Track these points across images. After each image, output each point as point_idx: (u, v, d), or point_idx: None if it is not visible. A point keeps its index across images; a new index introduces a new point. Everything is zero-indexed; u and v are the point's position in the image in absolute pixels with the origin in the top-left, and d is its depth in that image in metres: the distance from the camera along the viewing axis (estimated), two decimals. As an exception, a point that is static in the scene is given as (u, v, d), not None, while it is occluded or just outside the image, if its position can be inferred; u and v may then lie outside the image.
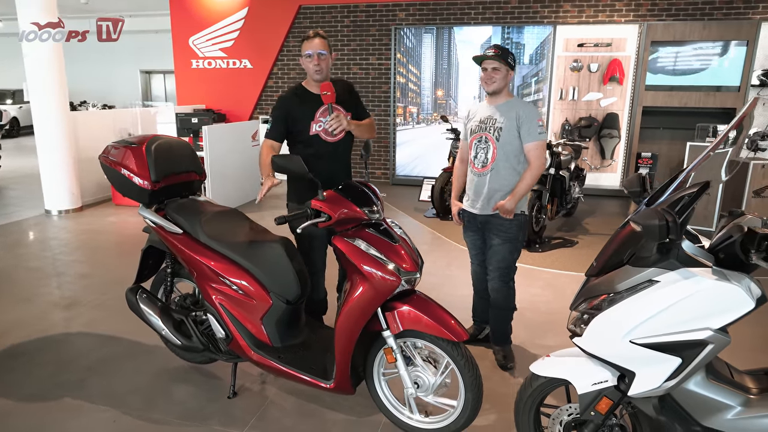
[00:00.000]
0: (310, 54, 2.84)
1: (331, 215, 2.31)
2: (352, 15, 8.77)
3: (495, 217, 3.08)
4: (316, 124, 2.91)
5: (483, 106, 3.18)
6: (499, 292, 3.16)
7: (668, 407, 1.89)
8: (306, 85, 2.98)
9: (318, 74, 2.87)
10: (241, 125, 7.37)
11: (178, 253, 2.77)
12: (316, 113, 2.91)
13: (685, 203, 1.81)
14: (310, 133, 2.92)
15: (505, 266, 3.12)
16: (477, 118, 3.16)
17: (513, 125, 2.99)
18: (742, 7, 7.51)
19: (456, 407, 2.43)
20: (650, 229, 1.63)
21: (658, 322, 1.77)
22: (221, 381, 3.02)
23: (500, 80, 2.99)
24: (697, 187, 1.85)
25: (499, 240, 3.09)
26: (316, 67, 2.85)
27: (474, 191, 3.17)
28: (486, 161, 3.09)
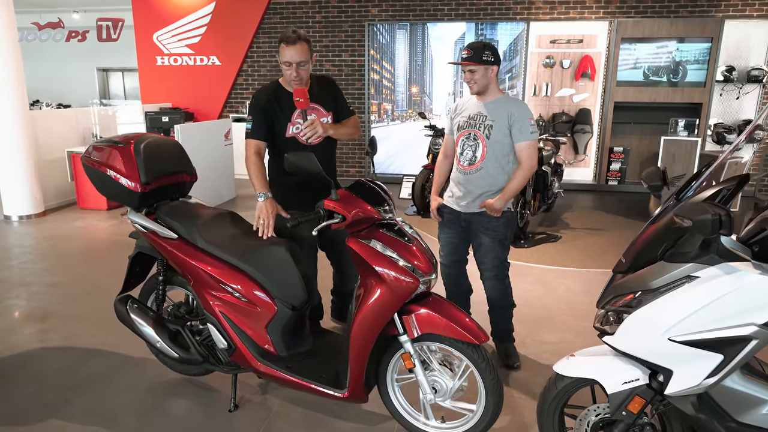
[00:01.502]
0: (288, 64, 2.64)
1: (346, 216, 2.20)
2: (324, 11, 8.60)
3: (481, 215, 2.98)
4: (293, 126, 2.77)
5: (472, 101, 3.07)
6: (496, 290, 3.10)
7: (705, 404, 1.86)
8: (283, 83, 2.82)
9: (296, 83, 2.70)
10: (214, 124, 7.12)
11: (172, 260, 2.59)
12: (293, 115, 2.75)
13: (725, 196, 1.78)
14: (286, 135, 2.77)
15: (499, 264, 3.06)
16: (465, 114, 3.05)
17: (504, 123, 2.90)
18: (706, 5, 7.74)
19: (475, 411, 2.36)
20: (702, 223, 1.58)
21: (698, 318, 1.73)
22: (219, 393, 2.85)
23: (480, 80, 2.89)
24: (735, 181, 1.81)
25: (488, 239, 3.02)
26: (294, 76, 2.66)
27: (459, 188, 3.07)
28: (474, 159, 2.99)
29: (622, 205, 7.40)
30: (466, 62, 2.86)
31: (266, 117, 2.73)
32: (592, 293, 4.27)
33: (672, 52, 7.77)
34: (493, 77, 2.92)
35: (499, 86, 3.01)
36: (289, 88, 2.78)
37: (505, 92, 3.03)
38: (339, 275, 3.28)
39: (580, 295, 4.26)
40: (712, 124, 7.74)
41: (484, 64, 2.85)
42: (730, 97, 7.86)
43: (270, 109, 2.74)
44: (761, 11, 7.62)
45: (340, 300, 3.35)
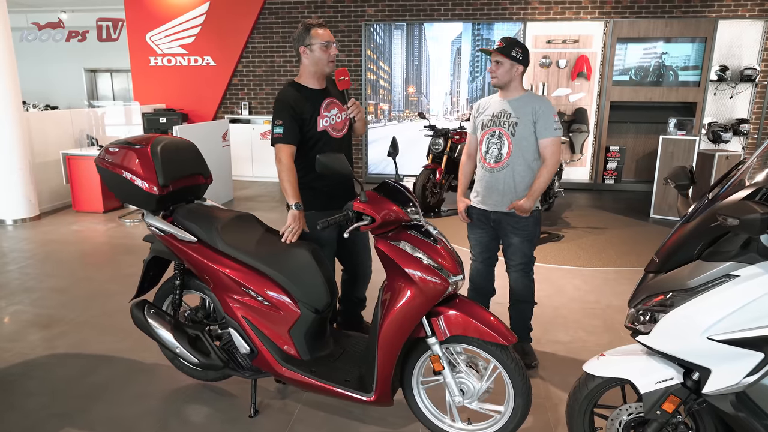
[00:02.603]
0: (328, 43, 2.71)
1: (375, 217, 2.17)
2: (320, 10, 8.55)
3: (510, 215, 2.98)
4: (323, 119, 2.78)
5: (495, 100, 3.06)
6: (521, 283, 3.11)
7: (742, 402, 1.86)
8: (301, 81, 2.80)
9: (332, 65, 2.77)
10: (212, 125, 7.04)
11: (191, 264, 2.54)
12: (321, 107, 2.77)
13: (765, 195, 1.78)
14: (317, 129, 2.77)
15: (527, 261, 3.07)
16: (489, 112, 3.04)
17: (529, 120, 2.90)
18: (700, 5, 7.83)
19: (503, 413, 2.34)
20: (751, 222, 1.58)
21: (739, 317, 1.73)
22: (238, 399, 2.81)
23: (503, 74, 2.89)
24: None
25: (518, 238, 3.02)
26: (334, 56, 2.75)
27: (485, 188, 3.05)
28: (500, 157, 2.98)
29: (620, 204, 7.45)
30: (495, 52, 2.87)
31: (296, 117, 2.70)
32: (599, 292, 4.29)
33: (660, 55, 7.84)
34: (518, 75, 2.92)
35: (523, 86, 3.00)
36: (310, 83, 2.78)
37: (527, 90, 3.02)
38: (351, 281, 3.21)
39: (588, 293, 4.27)
40: (707, 123, 7.83)
41: (511, 60, 2.86)
42: (724, 97, 7.96)
43: (299, 108, 2.71)
44: (753, 11, 7.73)
45: (348, 307, 3.25)
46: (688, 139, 6.54)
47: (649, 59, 7.92)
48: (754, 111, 7.97)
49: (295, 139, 2.70)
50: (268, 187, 8.50)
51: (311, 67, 2.75)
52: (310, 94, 2.76)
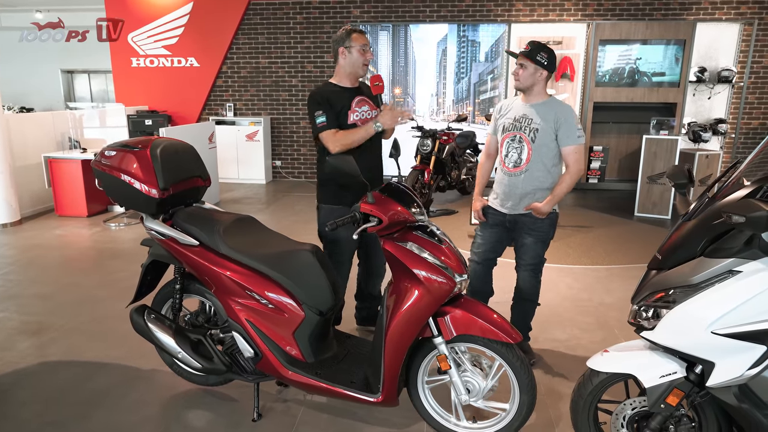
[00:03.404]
0: (365, 47, 2.95)
1: (382, 219, 2.18)
2: (305, 11, 8.53)
3: (527, 216, 3.00)
4: (353, 113, 2.99)
5: (518, 103, 3.05)
6: (529, 282, 3.12)
7: (744, 394, 1.92)
8: (335, 80, 3.04)
9: (365, 68, 3.01)
10: (198, 127, 6.97)
11: (193, 267, 2.52)
12: (352, 103, 2.99)
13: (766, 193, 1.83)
14: (348, 122, 2.97)
15: (538, 262, 3.09)
16: (510, 116, 3.03)
17: (551, 127, 2.89)
18: (678, 8, 8.00)
19: (508, 410, 2.37)
20: (757, 219, 1.63)
21: (742, 311, 1.78)
22: (239, 403, 2.78)
23: (526, 78, 2.89)
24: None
25: (532, 239, 3.03)
26: (366, 61, 2.98)
27: (504, 191, 3.07)
28: (519, 162, 2.99)
29: (604, 203, 7.58)
30: (521, 55, 2.88)
31: (334, 108, 2.93)
32: (591, 290, 4.36)
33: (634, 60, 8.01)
34: (541, 80, 2.91)
35: (546, 91, 2.99)
36: (343, 83, 3.02)
37: (550, 96, 2.99)
38: (366, 278, 3.32)
39: (581, 291, 4.34)
40: (687, 123, 8.01)
41: (536, 64, 2.85)
42: (703, 97, 8.15)
43: (332, 101, 2.93)
44: (729, 14, 7.93)
45: (364, 304, 3.36)
46: (670, 139, 6.68)
47: (628, 61, 8.07)
48: (731, 111, 8.18)
49: (336, 124, 2.93)
50: (254, 189, 8.44)
51: (347, 68, 2.99)
52: (343, 91, 3.01)
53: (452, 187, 7.49)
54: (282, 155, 9.18)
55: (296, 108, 8.95)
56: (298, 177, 9.25)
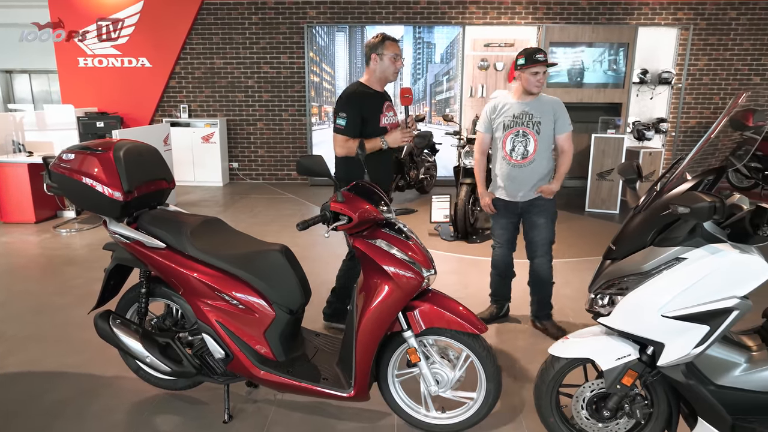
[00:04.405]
0: (397, 56, 3.07)
1: (352, 217, 2.23)
2: (261, 12, 8.45)
3: (538, 199, 3.42)
4: (384, 117, 3.14)
5: (512, 102, 3.39)
6: (546, 266, 3.53)
7: (691, 371, 2.08)
8: (367, 83, 3.14)
9: (395, 75, 3.15)
10: (153, 129, 6.80)
11: (161, 270, 2.50)
12: (383, 107, 3.13)
13: (707, 186, 1.99)
14: (380, 125, 3.11)
15: (550, 240, 3.51)
16: (509, 113, 3.36)
17: (550, 119, 3.34)
18: (621, 13, 8.40)
19: (476, 399, 2.47)
20: (700, 210, 1.77)
21: (688, 295, 1.93)
22: (209, 406, 2.77)
23: (544, 81, 3.31)
24: (714, 173, 2.03)
25: (544, 219, 3.45)
26: (397, 69, 3.11)
27: (513, 181, 3.41)
28: (526, 153, 3.37)
29: (558, 200, 7.81)
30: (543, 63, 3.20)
31: (362, 113, 3.03)
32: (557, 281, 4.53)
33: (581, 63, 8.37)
34: None
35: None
36: (374, 86, 3.14)
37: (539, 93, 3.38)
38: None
39: (538, 284, 4.50)
40: (632, 123, 8.42)
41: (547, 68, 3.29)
42: (645, 98, 8.58)
43: (366, 105, 3.06)
44: (668, 20, 8.39)
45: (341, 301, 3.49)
46: (617, 137, 7.02)
47: (575, 63, 8.40)
48: (671, 111, 8.65)
49: (355, 133, 3.02)
50: (211, 191, 8.31)
51: (378, 73, 3.11)
52: (375, 94, 3.14)
53: (411, 187, 7.60)
54: (239, 157, 9.06)
55: (253, 109, 8.86)
56: (256, 179, 9.16)
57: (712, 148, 2.25)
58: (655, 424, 2.26)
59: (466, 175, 5.82)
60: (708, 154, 2.25)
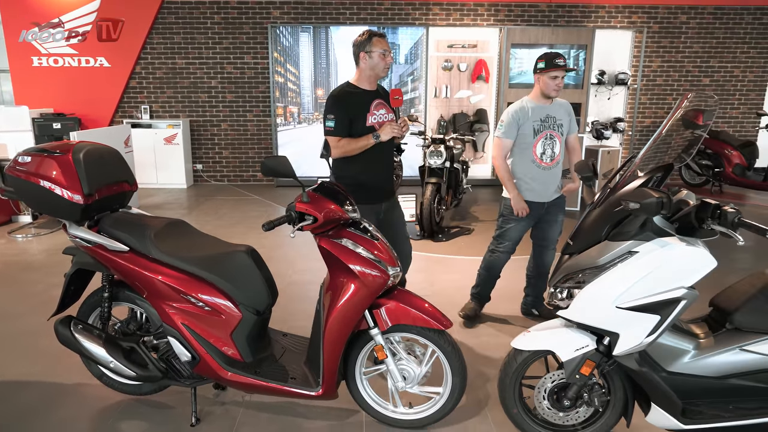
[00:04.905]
0: (385, 52, 3.04)
1: (317, 217, 2.25)
2: (223, 12, 8.35)
3: (559, 198, 3.60)
4: (372, 116, 3.10)
5: (535, 106, 3.49)
6: (553, 258, 3.66)
7: (644, 359, 2.18)
8: (356, 82, 3.12)
9: (386, 71, 3.10)
10: (113, 130, 6.63)
11: (124, 274, 2.46)
12: (371, 106, 3.09)
13: (655, 182, 2.10)
14: (366, 124, 3.07)
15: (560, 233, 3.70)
16: (536, 118, 3.45)
17: (567, 120, 3.55)
18: (579, 16, 8.65)
19: (442, 394, 2.52)
20: (649, 205, 1.87)
21: (640, 286, 2.03)
22: (176, 410, 2.75)
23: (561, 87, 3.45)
24: (662, 171, 2.14)
25: (561, 215, 3.66)
26: (387, 65, 3.07)
27: (543, 184, 3.52)
28: (554, 155, 3.52)
29: (520, 198, 8.03)
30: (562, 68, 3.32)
31: (348, 113, 3.02)
32: (511, 278, 4.64)
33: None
34: None
35: None
36: (363, 86, 3.10)
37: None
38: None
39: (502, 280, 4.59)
40: (590, 122, 8.68)
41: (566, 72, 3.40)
42: (603, 98, 8.86)
43: (351, 105, 3.03)
44: (623, 23, 8.68)
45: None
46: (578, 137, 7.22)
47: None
48: (627, 111, 8.96)
49: (346, 132, 3.03)
50: (174, 194, 8.16)
51: (368, 71, 3.06)
52: (363, 93, 3.09)
53: (378, 187, 7.64)
54: (203, 158, 8.93)
55: (217, 110, 8.75)
56: (220, 180, 9.04)
57: (665, 146, 2.37)
58: (613, 412, 2.36)
59: (432, 174, 5.91)
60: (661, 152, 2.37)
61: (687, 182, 8.70)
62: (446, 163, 6.01)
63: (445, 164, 5.99)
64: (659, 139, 2.31)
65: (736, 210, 1.93)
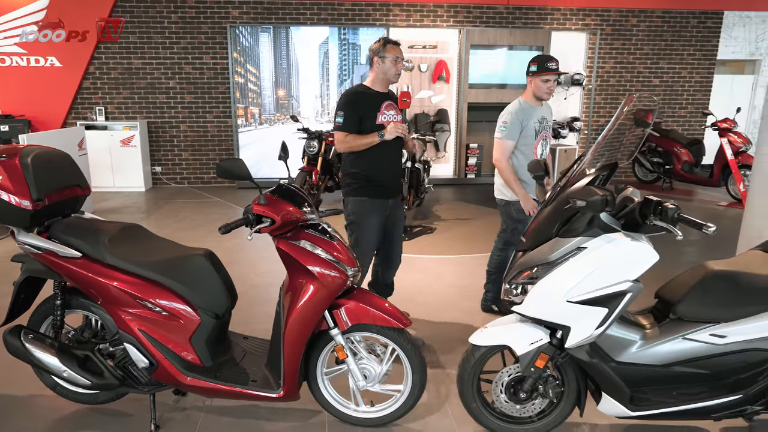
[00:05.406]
0: (397, 59, 3.24)
1: (275, 219, 2.26)
2: (180, 11, 8.19)
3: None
4: (382, 115, 3.28)
5: (532, 108, 3.55)
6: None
7: (594, 351, 2.27)
8: (370, 84, 3.30)
9: (397, 77, 3.30)
10: (65, 132, 6.43)
11: (78, 281, 2.41)
12: (381, 107, 3.27)
13: (602, 181, 2.19)
14: (377, 122, 3.25)
15: None
16: (535, 120, 3.50)
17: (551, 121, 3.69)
18: (536, 18, 8.87)
19: (403, 391, 2.56)
20: (594, 203, 1.95)
21: (589, 281, 2.12)
22: (134, 417, 2.70)
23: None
24: (607, 169, 2.23)
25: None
26: (398, 71, 3.27)
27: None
28: (545, 155, 3.64)
29: (481, 196, 8.19)
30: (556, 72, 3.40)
31: (358, 112, 3.21)
32: (471, 276, 4.74)
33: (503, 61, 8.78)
34: None
35: None
36: (376, 88, 3.29)
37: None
38: (385, 267, 3.61)
39: (464, 278, 4.70)
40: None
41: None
42: (560, 98, 9.10)
43: (362, 105, 3.23)
44: (578, 25, 8.94)
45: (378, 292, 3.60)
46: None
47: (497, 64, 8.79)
48: (583, 110, 9.23)
49: (352, 129, 3.21)
50: (133, 197, 7.96)
51: (380, 75, 3.26)
52: (375, 95, 3.29)
53: (340, 187, 7.63)
54: (162, 161, 8.74)
55: (175, 111, 8.57)
56: (180, 183, 8.87)
57: (616, 143, 2.47)
58: (567, 402, 2.45)
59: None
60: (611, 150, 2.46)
61: (640, 179, 9.03)
62: (407, 162, 6.07)
63: (407, 164, 6.05)
64: (607, 138, 2.40)
65: (676, 206, 2.03)
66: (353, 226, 3.36)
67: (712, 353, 2.22)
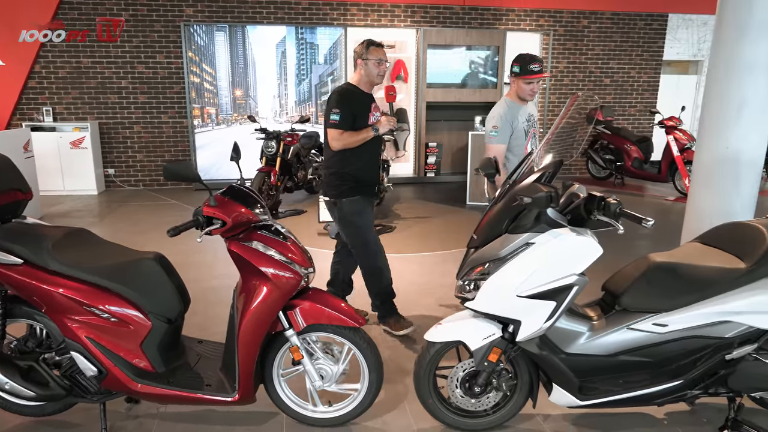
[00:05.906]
0: (380, 61, 3.30)
1: (226, 220, 2.23)
2: (132, 8, 7.96)
3: None
4: (372, 116, 3.38)
5: (517, 107, 3.42)
6: None
7: (544, 343, 2.34)
8: (358, 84, 3.36)
9: (381, 78, 3.37)
10: (9, 134, 6.16)
11: (19, 288, 2.31)
12: (371, 107, 3.38)
13: (547, 178, 2.25)
14: (368, 123, 3.33)
15: None
16: (522, 119, 3.43)
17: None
18: (491, 18, 9.03)
19: (360, 390, 2.57)
20: (539, 199, 2.01)
21: (537, 275, 2.18)
22: (83, 427, 2.62)
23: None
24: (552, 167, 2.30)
25: None
26: (382, 72, 3.33)
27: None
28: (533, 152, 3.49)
29: (441, 194, 8.28)
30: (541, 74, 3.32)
31: (353, 110, 3.26)
32: (430, 274, 4.79)
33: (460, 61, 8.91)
34: None
35: None
36: (363, 88, 3.36)
37: None
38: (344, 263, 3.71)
39: (423, 276, 4.75)
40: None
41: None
42: (516, 97, 9.28)
43: (356, 104, 3.29)
44: (532, 26, 9.15)
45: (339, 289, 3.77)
46: (492, 135, 7.54)
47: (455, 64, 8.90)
48: (539, 109, 9.45)
49: (347, 126, 3.25)
50: (84, 200, 7.70)
51: (365, 77, 3.34)
52: (364, 95, 3.38)
53: (299, 188, 7.59)
54: (115, 163, 8.48)
55: (128, 111, 8.33)
56: (135, 185, 8.63)
57: (569, 140, 2.54)
58: (520, 395, 2.51)
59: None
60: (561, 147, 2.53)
61: (593, 176, 9.31)
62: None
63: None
64: (556, 136, 2.48)
65: (618, 201, 2.11)
66: (354, 227, 3.41)
67: (655, 342, 2.32)
